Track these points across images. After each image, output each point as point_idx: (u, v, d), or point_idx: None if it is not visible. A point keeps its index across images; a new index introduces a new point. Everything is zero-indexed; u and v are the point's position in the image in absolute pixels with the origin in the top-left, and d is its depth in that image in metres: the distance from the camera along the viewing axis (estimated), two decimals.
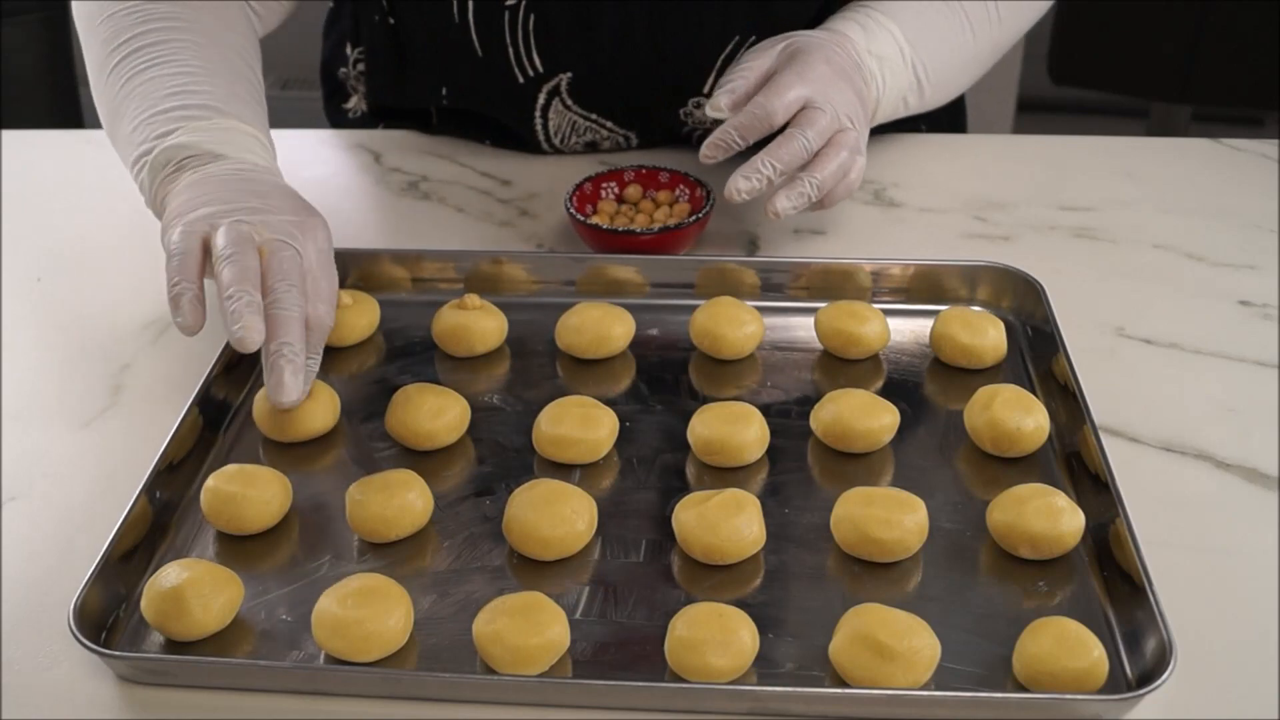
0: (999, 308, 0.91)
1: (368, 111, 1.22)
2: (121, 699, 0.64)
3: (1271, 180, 1.09)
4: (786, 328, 0.90)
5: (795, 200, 0.88)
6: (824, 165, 0.88)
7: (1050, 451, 0.78)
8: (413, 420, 0.78)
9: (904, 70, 0.98)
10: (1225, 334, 0.89)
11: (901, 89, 0.99)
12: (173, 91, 0.86)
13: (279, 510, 0.73)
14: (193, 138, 0.83)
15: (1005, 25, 1.04)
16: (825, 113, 0.89)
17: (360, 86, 1.21)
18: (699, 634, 0.63)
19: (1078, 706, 0.61)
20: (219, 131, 0.84)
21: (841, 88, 0.91)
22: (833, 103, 0.90)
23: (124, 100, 0.88)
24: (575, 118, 1.11)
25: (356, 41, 1.19)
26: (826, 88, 0.90)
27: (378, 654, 0.64)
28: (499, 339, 0.88)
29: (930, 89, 1.01)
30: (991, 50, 1.05)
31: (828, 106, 0.89)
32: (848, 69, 0.94)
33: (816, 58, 0.92)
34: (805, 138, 0.88)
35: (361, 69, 1.20)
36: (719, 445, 0.76)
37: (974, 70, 1.06)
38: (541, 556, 0.70)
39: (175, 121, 0.84)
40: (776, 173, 0.87)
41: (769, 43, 0.95)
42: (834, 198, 0.91)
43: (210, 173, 0.82)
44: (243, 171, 0.82)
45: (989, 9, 1.02)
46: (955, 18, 1.01)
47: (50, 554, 0.73)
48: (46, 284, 0.99)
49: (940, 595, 0.69)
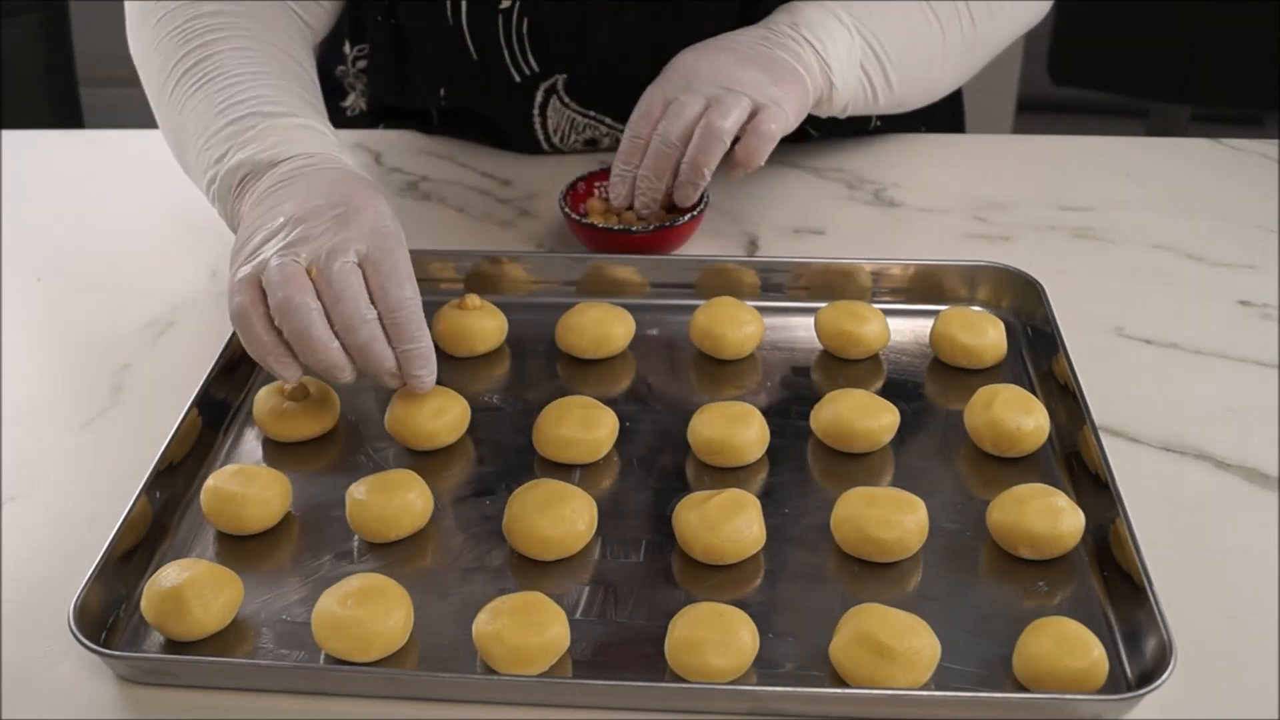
0: (999, 308, 0.91)
1: (366, 110, 1.22)
2: (121, 699, 0.64)
3: (1271, 180, 1.09)
4: (786, 328, 0.90)
5: (686, 194, 0.93)
6: (701, 154, 0.91)
7: (1050, 451, 0.78)
8: (413, 420, 0.78)
9: (845, 34, 0.97)
10: (1225, 334, 0.89)
11: (854, 55, 0.97)
12: (221, 108, 0.86)
13: (279, 510, 0.73)
14: (245, 153, 0.83)
15: (980, 23, 1.03)
16: (685, 102, 0.92)
17: (358, 84, 1.21)
18: (699, 634, 0.63)
19: (1078, 706, 0.61)
20: (270, 134, 0.83)
21: (721, 62, 0.94)
22: (701, 85, 0.93)
23: (181, 129, 0.89)
24: (574, 115, 1.11)
25: (356, 40, 1.19)
26: (690, 75, 0.94)
27: (378, 654, 0.64)
28: (499, 339, 0.88)
29: (894, 71, 0.99)
30: (966, 46, 1.04)
31: (689, 95, 0.92)
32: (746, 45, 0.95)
33: (685, 53, 0.97)
34: (662, 138, 0.92)
35: (362, 66, 1.20)
36: (719, 445, 0.76)
37: (950, 64, 1.05)
38: (541, 557, 0.70)
39: (225, 141, 0.84)
40: (655, 179, 0.93)
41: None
42: (748, 151, 0.92)
43: (261, 192, 0.80)
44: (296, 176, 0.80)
45: (958, 8, 1.01)
46: (913, 5, 1.00)
47: (50, 554, 0.73)
48: (46, 284, 0.99)
49: (940, 595, 0.69)
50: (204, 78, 0.88)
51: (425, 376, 0.76)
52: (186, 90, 0.89)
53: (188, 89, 0.89)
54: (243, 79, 0.88)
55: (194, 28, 0.91)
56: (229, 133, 0.84)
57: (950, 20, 1.01)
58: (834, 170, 1.11)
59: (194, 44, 0.90)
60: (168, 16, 0.93)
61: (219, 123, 0.85)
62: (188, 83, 0.89)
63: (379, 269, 0.74)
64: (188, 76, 0.89)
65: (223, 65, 0.89)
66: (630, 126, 0.95)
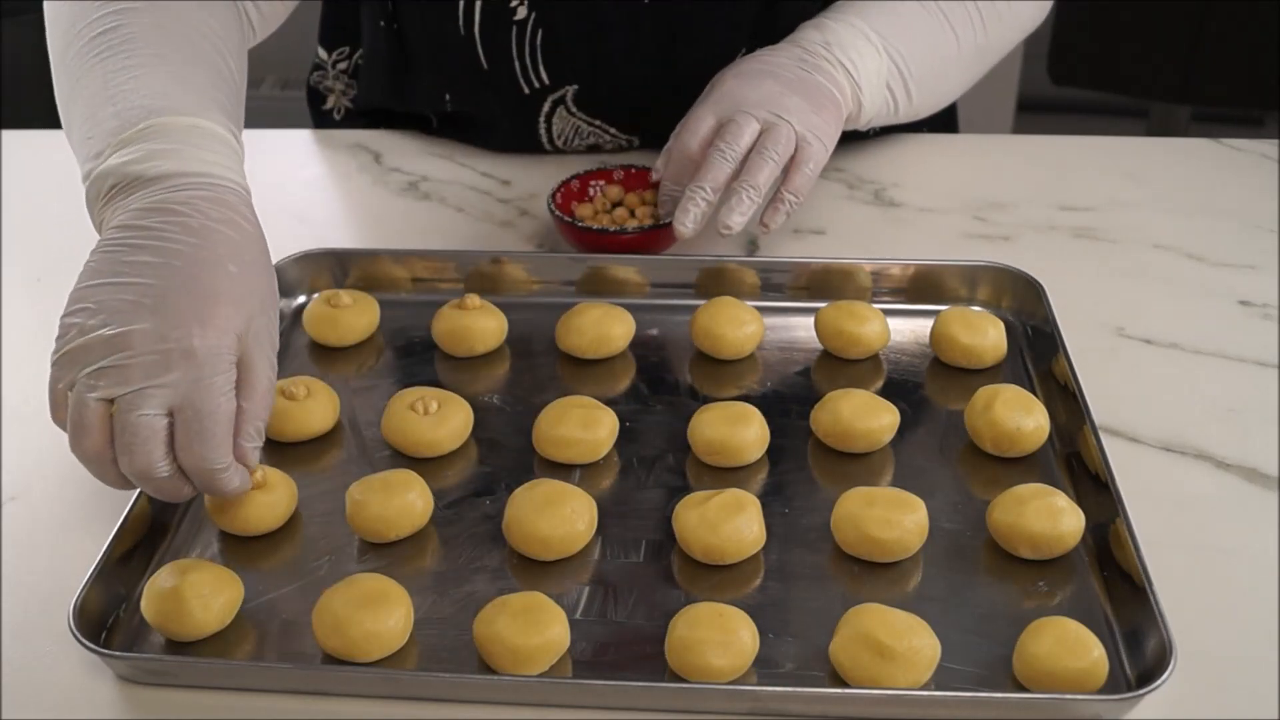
0: (999, 308, 0.91)
1: (353, 110, 1.22)
2: (121, 699, 0.64)
3: (1271, 180, 1.09)
4: (786, 328, 0.90)
5: (742, 209, 0.89)
6: (756, 169, 0.89)
7: (1050, 451, 0.78)
8: (413, 430, 0.78)
9: (874, 53, 0.97)
10: (1225, 334, 0.89)
11: (881, 74, 0.98)
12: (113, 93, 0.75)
13: (285, 512, 0.73)
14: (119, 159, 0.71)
15: (991, 29, 1.03)
16: (741, 124, 0.90)
17: (338, 86, 1.21)
18: (699, 634, 0.63)
19: (1078, 706, 0.61)
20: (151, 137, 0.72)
21: (769, 89, 0.93)
22: (751, 109, 0.91)
23: (70, 104, 0.79)
24: (579, 123, 1.11)
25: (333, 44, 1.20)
26: (739, 100, 0.92)
27: (378, 654, 0.64)
28: (499, 339, 0.88)
29: (915, 85, 1.00)
30: (977, 53, 1.05)
31: (743, 116, 0.91)
32: (787, 70, 0.94)
33: (728, 77, 0.95)
34: (722, 153, 0.90)
35: (341, 69, 1.20)
36: (719, 445, 0.76)
37: (962, 72, 1.06)
38: (541, 557, 0.70)
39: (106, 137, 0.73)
40: (711, 192, 0.90)
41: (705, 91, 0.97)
42: (795, 187, 0.91)
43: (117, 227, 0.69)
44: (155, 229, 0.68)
45: (969, 9, 1.02)
46: (932, 16, 1.01)
47: (50, 554, 0.73)
48: (46, 284, 0.99)
49: (940, 595, 0.69)
50: (105, 51, 0.77)
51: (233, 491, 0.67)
52: (86, 62, 0.78)
53: (88, 60, 0.78)
54: (144, 62, 0.77)
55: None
56: (111, 127, 0.73)
57: (964, 28, 1.02)
58: (834, 170, 1.11)
59: (104, 11, 0.79)
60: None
61: (106, 110, 0.74)
62: (89, 54, 0.78)
63: (187, 427, 0.64)
64: (90, 46, 0.78)
65: (129, 41, 0.78)
66: (679, 144, 0.94)
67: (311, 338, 0.89)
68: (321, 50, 1.22)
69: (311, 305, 0.90)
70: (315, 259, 0.94)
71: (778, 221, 0.91)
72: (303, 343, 0.90)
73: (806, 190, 0.92)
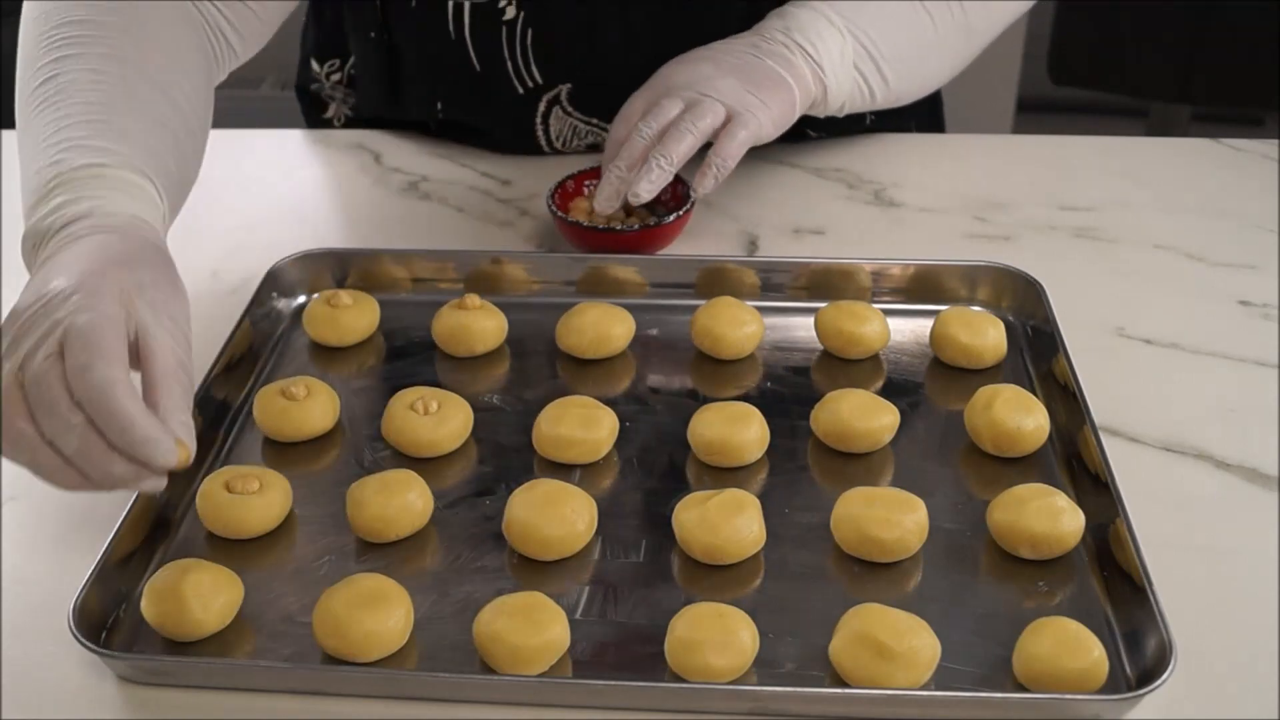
0: (999, 308, 0.91)
1: (353, 117, 1.22)
2: (121, 699, 0.64)
3: (1271, 180, 1.09)
4: (786, 328, 0.90)
5: (651, 178, 0.91)
6: (672, 141, 0.91)
7: (1050, 451, 0.78)
8: (411, 430, 0.78)
9: (836, 35, 0.97)
10: (1225, 334, 0.89)
11: (847, 55, 0.98)
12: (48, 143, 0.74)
13: (280, 512, 0.73)
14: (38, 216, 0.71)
15: (970, 9, 1.02)
16: (665, 105, 0.93)
17: (337, 94, 1.21)
18: (699, 634, 0.63)
19: (1078, 706, 0.61)
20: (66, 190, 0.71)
21: (703, 72, 0.95)
22: (679, 90, 0.94)
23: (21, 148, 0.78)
24: (576, 123, 1.11)
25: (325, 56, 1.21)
26: (671, 83, 0.96)
27: (378, 654, 0.64)
28: (499, 339, 0.88)
29: (888, 67, 1.00)
30: (961, 35, 1.03)
31: (668, 98, 0.94)
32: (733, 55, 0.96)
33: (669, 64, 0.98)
34: (639, 132, 0.93)
35: (337, 79, 1.20)
36: (719, 445, 0.76)
37: (944, 54, 1.05)
38: (541, 557, 0.70)
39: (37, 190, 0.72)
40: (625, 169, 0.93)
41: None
42: (722, 152, 0.92)
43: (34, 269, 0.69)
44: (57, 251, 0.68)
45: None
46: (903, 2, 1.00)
47: (50, 554, 0.73)
48: None
49: (940, 595, 0.69)
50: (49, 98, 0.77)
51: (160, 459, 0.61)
52: (34, 108, 0.78)
53: (35, 106, 0.78)
54: (76, 110, 0.76)
55: (57, 36, 0.80)
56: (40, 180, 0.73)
57: (940, 11, 1.01)
58: (834, 170, 1.11)
59: (51, 56, 0.79)
60: (40, 16, 0.82)
61: (42, 160, 0.74)
62: (36, 100, 0.78)
63: (71, 350, 0.59)
64: (38, 93, 0.78)
65: (68, 87, 0.77)
66: (611, 131, 0.97)
67: (311, 338, 0.89)
68: (314, 63, 1.22)
69: (311, 305, 0.90)
70: (315, 259, 0.94)
71: (706, 186, 0.94)
72: (303, 343, 0.90)
73: (735, 156, 0.93)
